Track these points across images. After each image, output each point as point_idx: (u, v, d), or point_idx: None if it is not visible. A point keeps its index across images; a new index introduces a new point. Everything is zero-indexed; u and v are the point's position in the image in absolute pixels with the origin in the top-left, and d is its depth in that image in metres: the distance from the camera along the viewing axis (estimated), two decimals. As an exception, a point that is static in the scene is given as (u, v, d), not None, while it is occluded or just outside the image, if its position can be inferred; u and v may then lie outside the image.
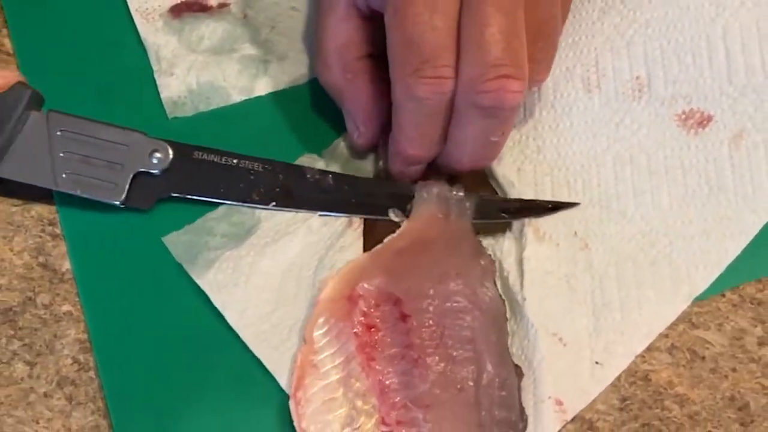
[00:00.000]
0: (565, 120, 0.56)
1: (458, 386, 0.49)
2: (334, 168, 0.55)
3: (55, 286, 0.52)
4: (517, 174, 0.55)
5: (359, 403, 0.49)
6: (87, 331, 0.51)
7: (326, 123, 0.56)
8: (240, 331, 0.51)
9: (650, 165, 0.55)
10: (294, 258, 0.53)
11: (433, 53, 0.48)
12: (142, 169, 0.53)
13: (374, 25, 0.52)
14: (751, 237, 0.53)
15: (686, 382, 0.51)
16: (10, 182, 0.53)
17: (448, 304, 0.50)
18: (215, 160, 0.54)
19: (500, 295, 0.51)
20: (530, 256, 0.53)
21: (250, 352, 0.50)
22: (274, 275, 0.52)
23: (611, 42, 0.57)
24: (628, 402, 0.50)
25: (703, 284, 0.52)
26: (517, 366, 0.50)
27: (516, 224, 0.54)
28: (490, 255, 0.52)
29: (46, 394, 0.50)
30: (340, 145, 0.56)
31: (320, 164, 0.55)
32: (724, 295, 0.53)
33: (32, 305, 0.52)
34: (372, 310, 0.50)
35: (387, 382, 0.49)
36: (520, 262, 0.53)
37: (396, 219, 0.53)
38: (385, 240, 0.52)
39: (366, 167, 0.56)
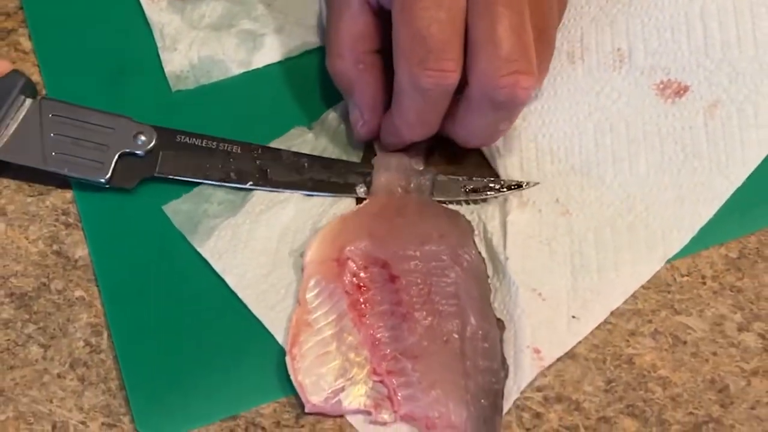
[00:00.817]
0: (549, 89, 0.58)
1: (444, 338, 0.51)
2: (324, 138, 0.57)
3: (69, 273, 0.54)
4: (503, 141, 0.57)
5: (352, 355, 0.51)
6: (98, 315, 0.53)
7: (317, 94, 0.59)
8: (240, 293, 0.53)
9: (629, 133, 0.57)
10: (289, 223, 0.55)
11: (438, 46, 0.49)
12: (127, 150, 0.55)
13: (383, 21, 0.53)
14: (722, 202, 0.55)
15: (669, 365, 0.52)
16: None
17: (433, 263, 0.53)
18: (196, 143, 0.56)
19: (479, 254, 0.53)
20: (514, 221, 0.55)
21: (250, 312, 0.53)
22: (270, 240, 0.55)
23: (596, 21, 0.59)
24: (613, 384, 0.52)
25: (677, 246, 0.55)
26: (499, 320, 0.52)
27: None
28: (464, 216, 0.54)
29: (59, 375, 0.52)
30: (329, 117, 0.58)
31: (310, 136, 0.57)
32: (704, 283, 0.54)
33: (46, 291, 0.54)
34: (361, 272, 0.53)
35: (378, 336, 0.51)
36: (504, 225, 0.55)
37: (362, 195, 0.55)
38: (354, 208, 0.55)
39: (352, 137, 0.58)
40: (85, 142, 0.55)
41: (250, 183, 0.56)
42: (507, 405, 0.51)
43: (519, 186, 0.56)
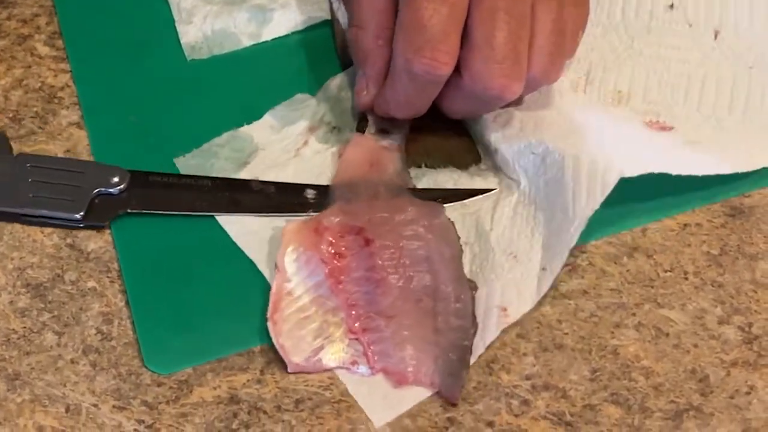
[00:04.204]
0: (550, 105, 0.61)
1: (417, 298, 0.54)
2: (325, 105, 0.62)
3: (81, 265, 0.57)
4: (502, 131, 0.60)
5: (330, 317, 0.54)
6: (109, 305, 0.55)
7: (321, 65, 0.64)
8: (238, 240, 0.57)
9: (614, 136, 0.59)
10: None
11: (436, 36, 0.53)
12: (102, 190, 0.58)
13: None
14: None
15: (651, 356, 0.54)
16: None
17: (404, 226, 0.55)
18: (167, 181, 0.59)
19: (449, 218, 0.56)
20: (503, 200, 0.58)
21: (248, 264, 0.56)
22: None
23: (605, 60, 0.62)
24: (598, 373, 0.53)
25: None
26: (470, 280, 0.55)
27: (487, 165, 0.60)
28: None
29: (72, 361, 0.54)
30: (331, 85, 0.63)
31: (312, 102, 0.62)
32: (687, 278, 0.56)
33: (61, 281, 0.56)
34: (338, 241, 0.55)
35: (353, 301, 0.54)
36: (495, 201, 0.58)
37: (310, 197, 0.59)
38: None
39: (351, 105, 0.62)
40: (61, 185, 0.58)
41: (223, 212, 0.58)
42: (472, 360, 0.53)
43: (483, 192, 0.59)
